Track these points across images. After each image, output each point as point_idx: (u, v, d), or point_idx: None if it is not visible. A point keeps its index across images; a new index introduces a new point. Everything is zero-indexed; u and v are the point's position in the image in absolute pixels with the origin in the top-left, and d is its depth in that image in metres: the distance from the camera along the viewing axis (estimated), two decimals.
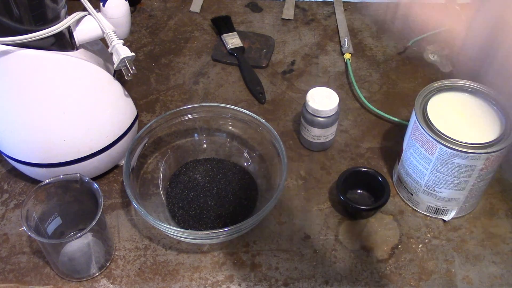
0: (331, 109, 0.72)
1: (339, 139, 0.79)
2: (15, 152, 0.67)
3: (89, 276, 0.63)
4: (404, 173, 0.69)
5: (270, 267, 0.65)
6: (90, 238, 0.63)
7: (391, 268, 0.65)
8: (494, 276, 0.64)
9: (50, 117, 0.63)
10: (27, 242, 0.67)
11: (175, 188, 0.71)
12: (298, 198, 0.72)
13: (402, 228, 0.68)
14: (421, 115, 0.64)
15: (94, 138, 0.67)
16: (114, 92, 0.68)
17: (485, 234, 0.68)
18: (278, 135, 0.69)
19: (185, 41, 0.95)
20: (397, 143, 0.77)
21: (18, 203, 0.71)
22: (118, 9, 0.64)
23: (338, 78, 0.88)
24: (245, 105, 0.84)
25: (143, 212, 0.62)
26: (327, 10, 1.02)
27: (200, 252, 0.66)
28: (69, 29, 0.63)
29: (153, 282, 0.63)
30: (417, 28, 0.60)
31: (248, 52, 0.92)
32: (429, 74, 0.89)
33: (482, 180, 0.64)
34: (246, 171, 0.73)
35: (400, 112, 0.82)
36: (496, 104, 0.65)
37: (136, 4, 1.02)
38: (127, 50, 0.64)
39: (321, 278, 0.64)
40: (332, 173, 0.75)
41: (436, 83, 0.67)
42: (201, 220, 0.68)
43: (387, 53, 0.93)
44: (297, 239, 0.67)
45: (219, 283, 0.63)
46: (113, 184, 0.73)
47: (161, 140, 0.74)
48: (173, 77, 0.89)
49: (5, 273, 0.64)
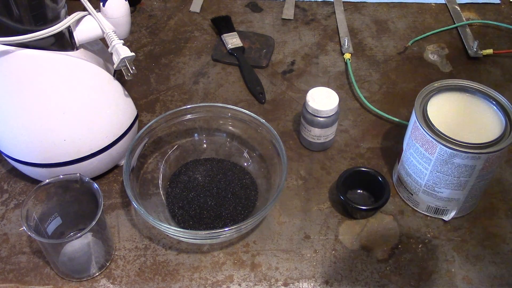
0: (331, 109, 0.72)
1: (339, 139, 0.79)
2: (15, 152, 0.67)
3: (89, 276, 0.63)
4: (404, 173, 0.69)
5: (270, 267, 0.65)
6: (90, 238, 0.63)
7: (391, 268, 0.65)
8: (494, 276, 0.64)
9: (50, 117, 0.63)
10: (27, 242, 0.67)
11: (175, 188, 0.71)
12: (298, 198, 0.72)
13: (402, 228, 0.68)
14: (421, 115, 0.64)
15: (94, 138, 0.67)
16: (114, 92, 0.68)
17: (485, 234, 0.68)
18: (278, 135, 0.69)
19: (185, 41, 0.95)
20: (397, 143, 0.77)
21: (18, 203, 0.71)
22: (118, 9, 0.64)
23: (338, 78, 0.88)
24: (245, 105, 0.84)
25: (143, 212, 0.62)
26: (327, 10, 1.02)
27: (200, 252, 0.66)
28: (69, 29, 0.63)
29: (153, 282, 0.63)
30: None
31: (248, 52, 0.92)
32: (429, 74, 0.89)
33: (482, 180, 0.64)
34: (246, 171, 0.73)
35: (400, 112, 0.82)
36: (496, 104, 0.65)
37: (136, 4, 1.02)
38: (127, 50, 0.64)
39: (321, 278, 0.64)
40: (332, 173, 0.75)
41: (436, 83, 0.67)
42: (201, 220, 0.68)
43: (387, 53, 0.93)
44: (297, 239, 0.67)
45: (219, 283, 0.63)
46: (113, 184, 0.73)
47: (161, 140, 0.74)
48: (173, 77, 0.89)
49: (5, 273, 0.64)
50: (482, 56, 0.91)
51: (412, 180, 0.68)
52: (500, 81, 0.88)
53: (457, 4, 1.03)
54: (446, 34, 0.97)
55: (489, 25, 0.99)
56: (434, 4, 1.03)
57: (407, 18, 1.00)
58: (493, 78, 0.88)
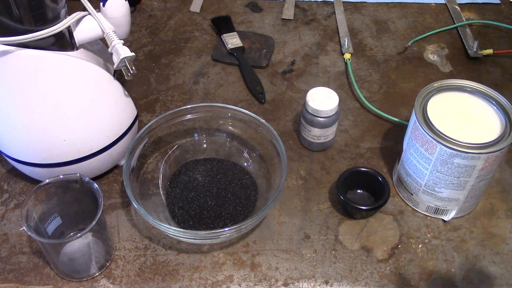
0: (331, 109, 0.72)
1: (339, 139, 0.79)
2: (15, 152, 0.67)
3: (89, 276, 0.63)
4: (404, 173, 0.69)
5: (270, 267, 0.65)
6: (90, 238, 0.63)
7: (391, 268, 0.65)
8: (494, 276, 0.64)
9: (50, 117, 0.63)
10: (27, 242, 0.67)
11: (175, 188, 0.71)
12: (298, 198, 0.72)
13: (402, 228, 0.68)
14: (421, 115, 0.64)
15: (94, 138, 0.67)
16: (114, 92, 0.68)
17: (485, 234, 0.68)
18: (278, 135, 0.69)
19: (185, 41, 0.95)
20: (397, 143, 0.77)
21: (18, 203, 0.71)
22: (118, 9, 0.64)
23: (338, 78, 0.88)
24: (245, 105, 0.84)
25: (143, 212, 0.62)
26: (327, 10, 1.02)
27: (200, 252, 0.66)
28: (69, 29, 0.63)
29: (153, 282, 0.63)
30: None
31: (248, 52, 0.92)
32: (429, 74, 0.89)
33: (482, 180, 0.64)
34: (246, 171, 0.73)
35: (400, 112, 0.82)
36: (496, 104, 0.65)
37: (136, 4, 1.02)
38: (127, 50, 0.64)
39: (321, 278, 0.64)
40: (332, 173, 0.75)
41: (436, 83, 0.67)
42: (201, 220, 0.68)
43: (387, 53, 0.93)
44: (297, 239, 0.67)
45: (219, 283, 0.63)
46: (113, 184, 0.73)
47: (161, 140, 0.74)
48: (173, 77, 0.89)
49: (5, 273, 0.64)
50: (482, 56, 0.91)
51: (412, 180, 0.68)
52: (500, 81, 0.88)
53: (457, 4, 1.03)
54: (446, 34, 0.97)
55: (489, 25, 0.99)
56: (434, 4, 1.03)
57: (407, 18, 1.00)
58: (493, 78, 0.88)
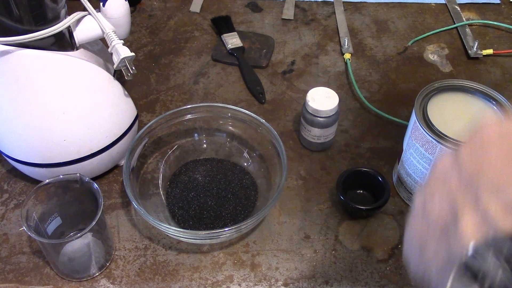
0: (331, 109, 0.72)
1: (339, 139, 0.79)
2: (15, 152, 0.67)
3: (89, 276, 0.63)
4: (404, 173, 0.69)
5: (270, 267, 0.65)
6: (90, 238, 0.63)
7: (391, 268, 0.65)
8: None
9: (50, 117, 0.63)
10: (27, 242, 0.67)
11: (175, 188, 0.71)
12: (298, 198, 0.72)
13: (402, 228, 0.68)
14: (421, 115, 0.64)
15: (94, 138, 0.67)
16: (114, 92, 0.68)
17: None
18: (278, 135, 0.69)
19: (185, 41, 0.95)
20: (397, 143, 0.77)
21: (18, 203, 0.71)
22: (118, 9, 0.64)
23: (338, 78, 0.88)
24: (245, 105, 0.84)
25: (143, 212, 0.62)
26: (327, 10, 1.02)
27: (200, 252, 0.66)
28: (69, 29, 0.63)
29: (153, 282, 0.63)
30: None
31: (248, 52, 0.92)
32: (429, 74, 0.89)
33: None
34: (246, 171, 0.73)
35: (400, 112, 0.82)
36: (496, 104, 0.65)
37: (136, 4, 1.02)
38: (127, 50, 0.64)
39: (321, 278, 0.64)
40: (332, 173, 0.75)
41: (436, 83, 0.67)
42: (201, 220, 0.68)
43: (387, 53, 0.93)
44: (297, 239, 0.67)
45: (219, 283, 0.63)
46: (113, 184, 0.73)
47: (161, 140, 0.74)
48: (173, 77, 0.89)
49: (5, 273, 0.64)
50: (482, 56, 0.91)
51: (412, 180, 0.68)
52: (500, 81, 0.88)
53: (457, 4, 1.03)
54: (446, 34, 0.97)
55: (489, 25, 0.99)
56: (434, 4, 1.03)
57: (407, 18, 1.00)
58: (493, 78, 0.88)
